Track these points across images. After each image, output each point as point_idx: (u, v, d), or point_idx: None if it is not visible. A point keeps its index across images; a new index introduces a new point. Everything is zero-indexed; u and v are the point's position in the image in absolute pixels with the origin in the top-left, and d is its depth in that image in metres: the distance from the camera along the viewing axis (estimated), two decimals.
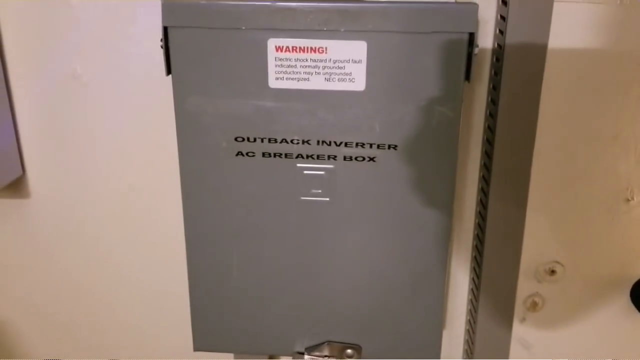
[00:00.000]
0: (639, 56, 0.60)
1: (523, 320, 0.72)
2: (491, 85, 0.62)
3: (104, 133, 0.69)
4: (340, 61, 0.51)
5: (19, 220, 0.75)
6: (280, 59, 0.51)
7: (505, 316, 0.69)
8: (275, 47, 0.50)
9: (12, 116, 0.69)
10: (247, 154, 0.54)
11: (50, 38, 0.66)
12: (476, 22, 0.49)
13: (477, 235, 0.67)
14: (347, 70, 0.51)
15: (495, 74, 0.60)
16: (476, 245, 0.68)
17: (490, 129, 0.62)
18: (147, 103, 0.67)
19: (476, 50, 0.50)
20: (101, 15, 0.64)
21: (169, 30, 0.51)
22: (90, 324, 0.81)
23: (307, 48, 0.50)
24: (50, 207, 0.74)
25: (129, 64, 0.65)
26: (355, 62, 0.50)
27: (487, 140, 0.63)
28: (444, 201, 0.56)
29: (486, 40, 0.61)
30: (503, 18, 0.57)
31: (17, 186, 0.73)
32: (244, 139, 0.54)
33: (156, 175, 0.70)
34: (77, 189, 0.73)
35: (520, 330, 0.73)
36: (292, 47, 0.50)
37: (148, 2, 0.62)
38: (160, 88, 0.64)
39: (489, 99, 0.62)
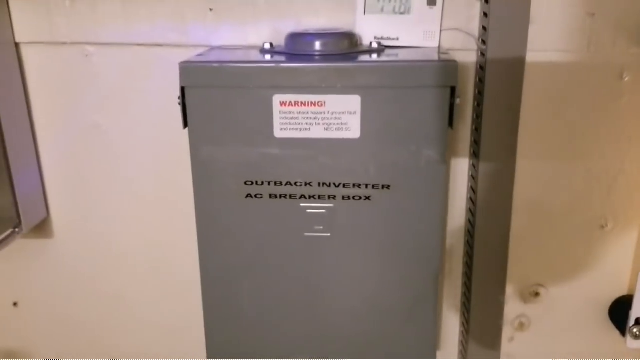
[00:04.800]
0: (607, 94, 0.66)
1: (512, 339, 0.78)
2: (474, 127, 0.68)
3: (123, 178, 0.75)
4: (338, 113, 0.57)
5: (44, 258, 0.80)
6: (284, 112, 0.57)
7: (495, 336, 0.74)
8: (280, 102, 0.56)
9: (38, 163, 0.75)
10: (255, 196, 0.60)
11: (73, 91, 0.72)
12: (457, 77, 0.55)
13: (466, 262, 0.73)
14: (343, 121, 0.57)
15: (477, 117, 0.66)
16: (465, 272, 0.74)
17: (474, 167, 0.68)
18: (163, 150, 0.72)
19: (458, 101, 0.56)
20: (120, 71, 0.70)
21: (186, 90, 0.57)
22: (111, 357, 0.86)
23: (308, 102, 0.56)
24: (72, 246, 0.79)
25: (145, 115, 0.71)
26: (350, 113, 0.56)
27: (472, 177, 0.69)
28: (433, 234, 0.61)
29: (468, 88, 0.67)
30: (482, 68, 0.64)
31: (42, 227, 0.78)
32: (252, 183, 0.60)
33: (172, 216, 0.75)
34: (97, 229, 0.78)
35: (509, 349, 0.78)
36: (295, 101, 0.56)
37: (162, 59, 0.68)
38: (175, 136, 0.69)
39: (472, 139, 0.69)
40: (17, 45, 0.70)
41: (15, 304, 0.85)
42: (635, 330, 0.69)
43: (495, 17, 0.61)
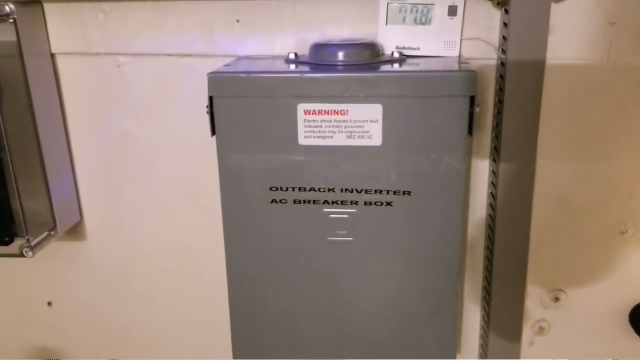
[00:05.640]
0: (627, 102, 0.67)
1: (531, 343, 0.79)
2: (494, 134, 0.69)
3: (152, 183, 0.77)
4: (360, 121, 0.58)
5: (77, 260, 0.84)
6: (308, 121, 0.59)
7: (514, 340, 0.76)
8: (304, 111, 0.58)
9: (72, 169, 0.78)
10: (280, 201, 0.62)
11: (105, 99, 0.75)
12: (475, 87, 0.56)
13: (486, 267, 0.74)
14: (365, 129, 0.58)
15: (497, 125, 0.68)
16: (486, 276, 0.75)
17: (494, 173, 0.69)
18: (191, 157, 0.75)
19: (477, 110, 0.57)
20: (150, 80, 0.73)
21: (214, 99, 0.59)
22: (138, 356, 0.89)
23: (331, 111, 0.58)
24: (104, 248, 0.82)
25: (175, 122, 0.74)
26: (372, 121, 0.58)
27: (492, 183, 0.70)
28: (453, 239, 0.62)
29: (488, 96, 0.69)
30: (502, 77, 0.65)
31: (75, 230, 0.81)
32: (277, 189, 0.62)
33: (200, 220, 0.78)
34: (128, 232, 0.81)
35: (529, 352, 0.79)
36: (318, 110, 0.58)
37: (191, 69, 0.71)
38: (203, 143, 0.70)
39: (492, 146, 0.70)
40: (52, 55, 0.73)
41: (49, 304, 0.88)
42: None
43: (515, 26, 0.62)
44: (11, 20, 0.65)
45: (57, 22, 0.71)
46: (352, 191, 0.61)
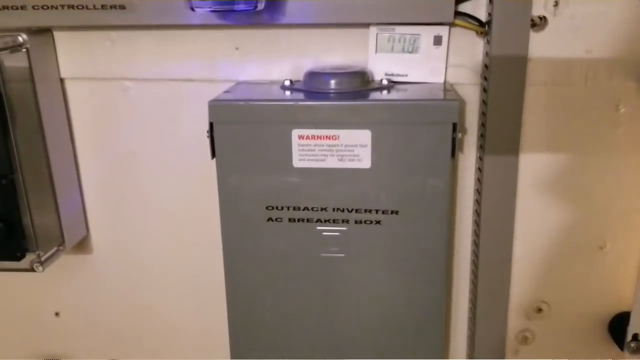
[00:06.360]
0: (605, 124, 0.71)
1: (516, 352, 0.82)
2: (478, 156, 0.73)
3: (155, 201, 0.81)
4: (350, 145, 0.62)
5: (83, 272, 0.87)
6: (302, 145, 0.63)
7: (499, 350, 0.79)
8: (298, 136, 0.62)
9: (79, 186, 0.81)
10: (276, 219, 0.66)
11: (112, 121, 0.79)
12: (458, 115, 0.60)
13: (472, 280, 0.78)
14: (355, 153, 0.62)
15: (481, 147, 0.72)
16: (472, 289, 0.79)
17: (478, 192, 0.73)
18: (192, 176, 0.78)
19: (459, 136, 0.61)
20: (154, 103, 0.77)
21: (214, 125, 0.63)
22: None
23: (324, 136, 0.62)
24: (109, 261, 0.86)
25: (177, 144, 0.77)
26: (362, 146, 0.62)
27: (477, 201, 0.74)
28: (439, 255, 0.66)
29: (473, 119, 0.73)
30: (485, 102, 0.69)
31: (82, 244, 0.84)
32: (273, 208, 0.66)
33: (199, 236, 0.81)
34: (131, 246, 0.84)
35: None
36: (312, 135, 0.62)
37: (193, 93, 0.75)
38: (203, 164, 0.72)
39: (477, 167, 0.74)
40: (62, 80, 0.77)
41: (57, 314, 0.91)
42: (632, 345, 0.73)
43: (496, 55, 0.66)
44: (24, 50, 0.69)
45: (66, 49, 0.75)
46: (343, 210, 0.65)
